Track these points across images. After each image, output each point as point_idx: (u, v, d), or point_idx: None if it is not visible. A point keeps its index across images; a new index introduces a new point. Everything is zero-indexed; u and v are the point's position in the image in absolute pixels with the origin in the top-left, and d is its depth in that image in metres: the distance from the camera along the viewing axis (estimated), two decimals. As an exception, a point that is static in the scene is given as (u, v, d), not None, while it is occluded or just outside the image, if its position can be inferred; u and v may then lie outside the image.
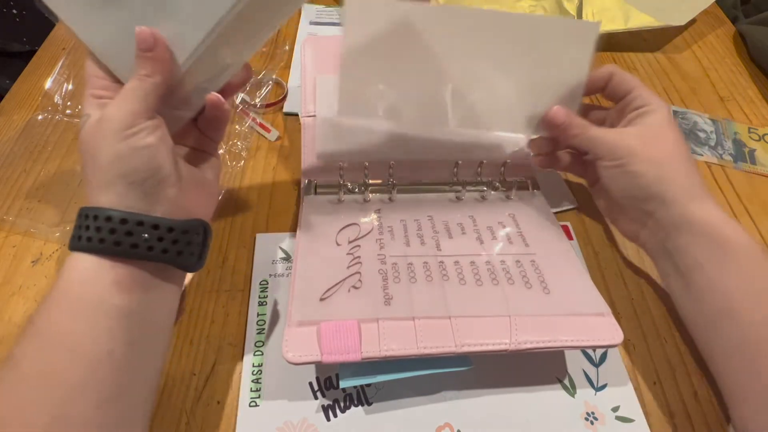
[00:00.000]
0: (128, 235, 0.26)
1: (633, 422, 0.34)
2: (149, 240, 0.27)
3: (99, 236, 0.26)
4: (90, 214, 0.26)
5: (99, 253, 0.26)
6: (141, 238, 0.26)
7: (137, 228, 0.26)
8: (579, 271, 0.36)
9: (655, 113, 0.36)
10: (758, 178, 0.50)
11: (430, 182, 0.42)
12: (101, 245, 0.26)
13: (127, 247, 0.26)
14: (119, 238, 0.26)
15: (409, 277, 0.34)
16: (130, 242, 0.26)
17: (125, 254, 0.26)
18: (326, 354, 0.29)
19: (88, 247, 0.26)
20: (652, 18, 0.60)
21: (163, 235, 0.27)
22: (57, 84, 0.53)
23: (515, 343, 0.31)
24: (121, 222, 0.26)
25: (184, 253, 0.28)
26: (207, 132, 0.33)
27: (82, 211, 0.27)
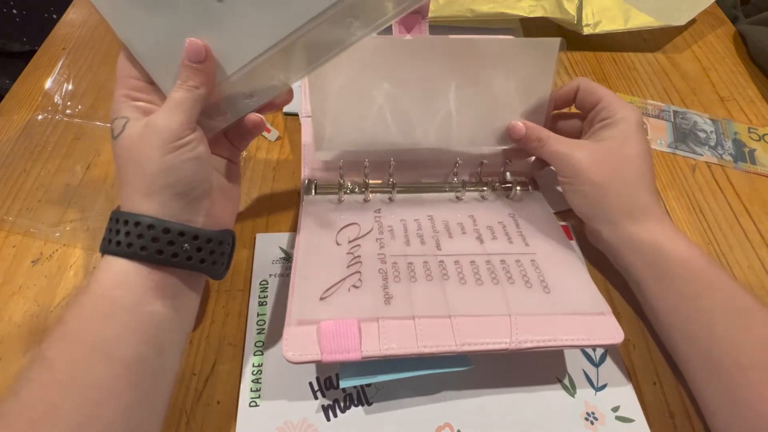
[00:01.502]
0: (170, 245, 0.27)
1: (633, 422, 0.34)
2: (189, 250, 0.27)
3: (140, 243, 0.26)
4: (130, 220, 0.26)
5: (139, 259, 0.26)
6: (181, 248, 0.27)
7: (179, 238, 0.27)
8: (579, 270, 0.36)
9: (618, 126, 0.36)
10: (758, 178, 0.50)
11: (430, 182, 0.42)
12: (143, 252, 0.26)
13: (168, 256, 0.27)
14: (161, 247, 0.26)
15: (410, 276, 0.34)
16: (171, 251, 0.27)
17: (166, 263, 0.27)
18: (326, 353, 0.29)
19: (126, 253, 0.26)
20: (652, 18, 0.60)
21: (201, 246, 0.28)
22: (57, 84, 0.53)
23: (515, 343, 0.31)
24: (164, 231, 0.26)
25: (217, 262, 0.29)
26: (234, 141, 0.34)
27: (118, 216, 0.27)
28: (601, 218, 0.36)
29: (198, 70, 0.28)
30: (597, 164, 0.35)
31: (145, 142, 0.27)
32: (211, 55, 0.28)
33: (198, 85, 0.28)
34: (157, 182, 0.27)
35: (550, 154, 0.37)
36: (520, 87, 0.39)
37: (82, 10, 0.64)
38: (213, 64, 0.28)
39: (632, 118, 0.36)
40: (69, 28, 0.61)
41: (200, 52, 0.28)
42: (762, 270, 0.42)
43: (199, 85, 0.28)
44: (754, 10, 0.69)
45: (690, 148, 0.52)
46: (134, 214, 0.27)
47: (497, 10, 0.58)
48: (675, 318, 0.33)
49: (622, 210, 0.35)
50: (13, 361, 0.35)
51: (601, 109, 0.37)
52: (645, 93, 0.58)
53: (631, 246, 0.35)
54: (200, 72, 0.28)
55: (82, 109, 0.52)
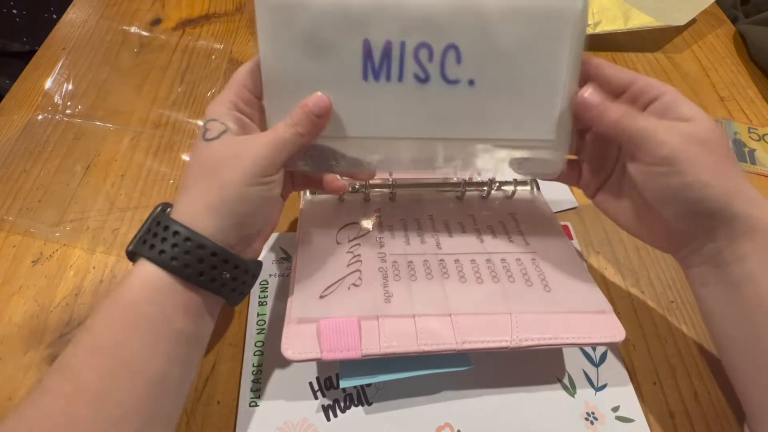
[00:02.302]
0: (212, 269, 0.26)
1: (633, 422, 0.34)
2: (226, 278, 0.27)
3: (185, 259, 0.25)
4: (182, 233, 0.26)
5: (177, 275, 0.26)
6: (221, 275, 0.27)
7: (222, 264, 0.27)
8: (580, 269, 0.36)
9: (685, 102, 0.29)
10: (758, 178, 0.50)
11: (430, 182, 0.42)
12: (186, 270, 0.26)
13: (208, 280, 0.26)
14: (204, 269, 0.26)
15: (410, 275, 0.34)
16: (211, 276, 0.26)
17: (203, 285, 0.26)
18: (326, 351, 0.29)
19: (168, 265, 0.25)
20: (652, 18, 0.60)
21: (238, 275, 0.28)
22: (57, 84, 0.53)
23: (516, 341, 0.31)
24: (212, 254, 0.26)
25: (243, 292, 0.29)
26: (296, 183, 0.35)
27: (169, 223, 0.26)
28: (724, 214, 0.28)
29: (312, 122, 0.29)
30: (708, 145, 0.27)
31: (235, 163, 0.27)
32: (330, 113, 0.29)
33: (305, 133, 0.29)
34: (227, 207, 0.26)
35: (640, 131, 0.28)
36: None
37: (82, 10, 0.64)
38: (327, 121, 0.29)
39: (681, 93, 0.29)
40: (69, 28, 0.61)
41: (325, 108, 0.29)
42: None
43: (306, 134, 0.29)
44: (754, 10, 0.69)
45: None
46: (188, 228, 0.26)
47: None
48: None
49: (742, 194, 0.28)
50: (13, 361, 0.35)
51: (644, 87, 0.29)
52: (645, 93, 0.58)
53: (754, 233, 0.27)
54: (313, 124, 0.29)
55: (82, 109, 0.52)
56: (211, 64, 0.58)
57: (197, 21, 0.64)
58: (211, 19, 0.64)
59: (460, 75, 0.30)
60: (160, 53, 0.59)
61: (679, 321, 0.39)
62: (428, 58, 0.29)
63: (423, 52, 0.29)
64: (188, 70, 0.57)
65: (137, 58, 0.58)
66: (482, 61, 0.30)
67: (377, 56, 0.29)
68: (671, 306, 0.40)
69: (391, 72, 0.29)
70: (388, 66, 0.29)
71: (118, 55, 0.58)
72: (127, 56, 0.58)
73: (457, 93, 0.30)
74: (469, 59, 0.29)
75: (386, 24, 0.28)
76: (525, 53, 0.30)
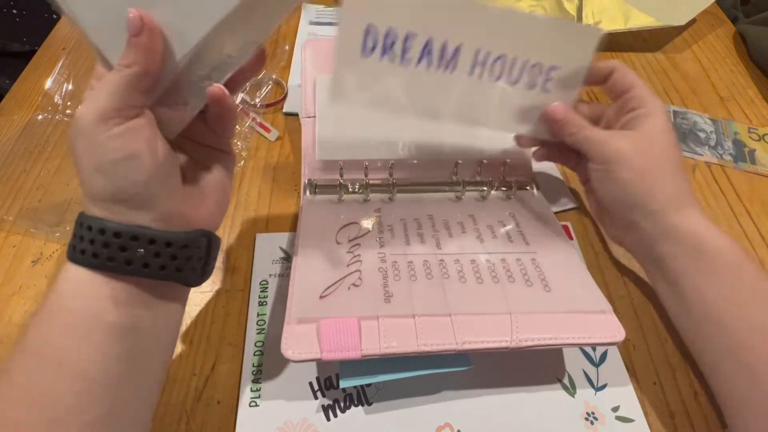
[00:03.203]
0: (122, 251, 0.24)
1: (633, 422, 0.34)
2: (145, 256, 0.24)
3: (93, 249, 0.24)
4: (85, 223, 0.24)
5: (92, 267, 0.24)
6: (136, 254, 0.24)
7: (131, 243, 0.24)
8: (580, 269, 0.36)
9: (650, 117, 0.35)
10: (758, 178, 0.50)
11: (430, 182, 0.42)
12: (95, 260, 0.24)
13: (122, 263, 0.24)
14: (113, 253, 0.24)
15: (410, 275, 0.34)
16: (124, 258, 0.24)
17: (119, 270, 0.24)
18: (326, 351, 0.29)
19: (82, 260, 0.24)
20: (652, 18, 0.60)
21: (159, 251, 0.25)
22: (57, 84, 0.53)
23: (516, 341, 0.31)
24: (115, 235, 0.24)
25: (185, 269, 0.26)
26: (216, 129, 0.29)
27: (78, 219, 0.25)
28: (640, 208, 0.34)
29: (133, 46, 0.23)
30: (638, 152, 0.34)
31: (74, 137, 0.24)
32: (152, 28, 0.24)
33: (130, 62, 0.23)
34: (93, 187, 0.24)
35: (587, 140, 0.35)
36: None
37: (82, 10, 0.64)
38: (152, 38, 0.24)
39: (662, 111, 0.35)
40: (69, 28, 0.61)
41: (135, 23, 0.23)
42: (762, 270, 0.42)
43: (132, 62, 0.23)
44: (754, 10, 0.69)
45: (690, 148, 0.52)
46: (89, 216, 0.24)
47: (497, 10, 0.57)
48: (711, 309, 0.32)
49: (664, 199, 0.34)
50: (13, 361, 0.35)
51: (632, 97, 0.36)
52: (645, 93, 0.58)
53: (671, 236, 0.33)
54: (135, 47, 0.23)
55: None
56: (211, 64, 0.58)
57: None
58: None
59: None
60: (160, 53, 0.59)
61: (679, 321, 0.39)
62: None
63: None
64: (188, 70, 0.57)
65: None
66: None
67: None
68: (671, 306, 0.40)
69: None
70: None
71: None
72: (127, 56, 0.58)
73: None
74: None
75: None
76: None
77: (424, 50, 0.33)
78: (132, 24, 0.23)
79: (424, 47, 0.33)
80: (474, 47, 0.34)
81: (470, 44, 0.34)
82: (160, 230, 0.25)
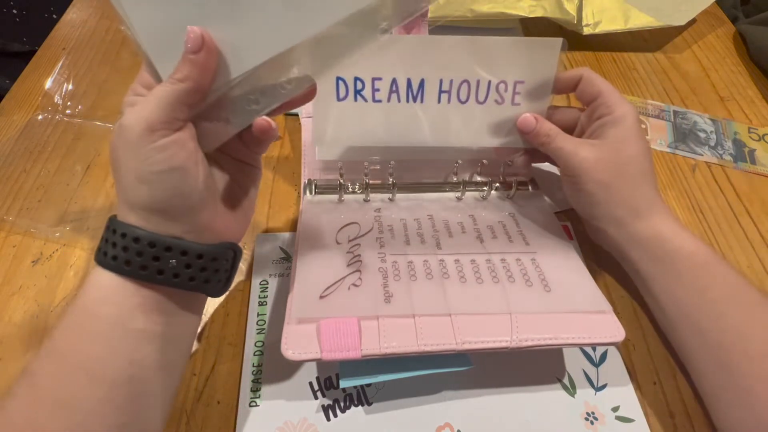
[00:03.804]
0: (155, 260, 0.25)
1: (633, 422, 0.34)
2: (176, 267, 0.25)
3: (125, 257, 0.24)
4: (119, 230, 0.25)
5: (123, 274, 0.25)
6: (168, 265, 0.25)
7: (165, 253, 0.25)
8: (580, 269, 0.36)
9: (616, 125, 0.35)
10: (758, 178, 0.50)
11: (430, 182, 0.42)
12: (127, 267, 0.24)
13: (154, 272, 0.25)
14: (146, 262, 0.24)
15: (410, 275, 0.34)
16: (156, 268, 0.25)
17: (150, 279, 0.25)
18: (326, 351, 0.29)
19: (113, 266, 0.24)
20: (652, 18, 0.60)
21: (191, 262, 0.26)
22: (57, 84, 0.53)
23: (516, 341, 0.31)
24: (150, 245, 0.24)
25: (212, 280, 0.27)
26: (251, 146, 0.29)
27: (111, 224, 0.25)
28: (605, 217, 0.36)
29: (190, 62, 0.24)
30: (601, 163, 0.35)
31: (118, 143, 0.24)
32: (211, 47, 0.24)
33: (183, 78, 0.24)
34: (134, 196, 0.24)
35: (556, 150, 0.36)
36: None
37: (82, 10, 0.64)
38: (209, 57, 0.24)
39: (630, 116, 0.35)
40: (69, 28, 0.61)
41: (197, 41, 0.24)
42: (762, 270, 0.42)
43: (185, 78, 0.24)
44: (754, 10, 0.69)
45: (690, 148, 0.52)
46: (123, 223, 0.25)
47: (497, 10, 0.58)
48: (683, 311, 0.33)
49: (627, 208, 0.35)
50: (13, 361, 0.35)
51: (600, 104, 0.36)
52: (645, 93, 0.58)
53: (637, 243, 0.35)
54: (191, 63, 0.24)
55: (82, 109, 0.52)
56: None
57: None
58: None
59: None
60: (160, 53, 0.59)
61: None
62: None
63: None
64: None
65: (137, 58, 0.58)
66: None
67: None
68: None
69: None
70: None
71: (118, 55, 0.58)
72: (127, 56, 0.58)
73: None
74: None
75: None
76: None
77: (390, 89, 0.37)
78: (193, 41, 0.24)
79: (390, 87, 0.37)
80: (437, 78, 0.37)
81: (432, 76, 0.37)
82: (193, 242, 0.26)
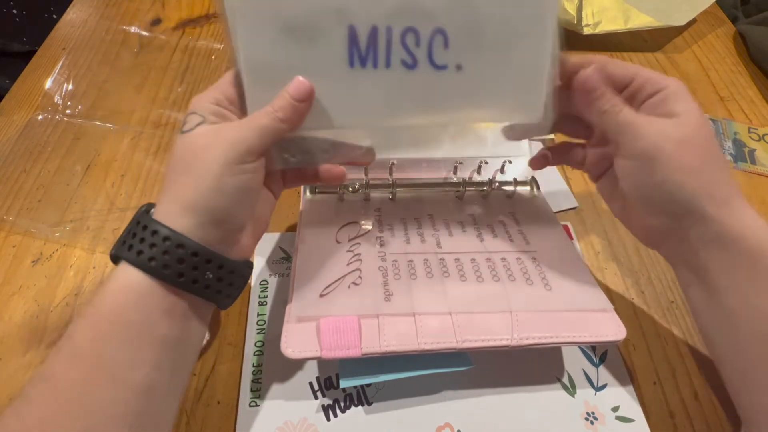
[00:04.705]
0: (194, 270, 0.25)
1: (633, 422, 0.34)
2: (210, 279, 0.26)
3: (165, 260, 0.24)
4: (161, 232, 0.24)
5: (159, 278, 0.24)
6: (204, 276, 0.25)
7: (204, 264, 0.25)
8: (580, 268, 0.36)
9: (680, 98, 0.28)
10: (758, 178, 0.50)
11: (431, 181, 0.42)
12: (165, 271, 0.24)
13: (189, 281, 0.25)
14: (184, 270, 0.25)
15: (410, 273, 0.34)
16: (193, 277, 0.25)
17: (184, 287, 0.25)
18: (326, 350, 0.29)
19: (149, 268, 0.24)
20: (652, 18, 0.60)
21: (222, 276, 0.26)
22: (57, 84, 0.53)
23: (517, 339, 0.31)
24: (193, 254, 0.25)
25: (231, 295, 0.28)
26: (287, 180, 0.32)
27: (148, 223, 0.25)
28: (694, 215, 0.28)
29: (293, 107, 0.27)
30: (687, 144, 0.27)
31: (209, 153, 0.25)
32: (313, 99, 0.28)
33: (285, 119, 0.27)
34: (204, 201, 0.25)
35: (621, 125, 0.28)
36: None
37: (82, 10, 0.64)
38: (308, 108, 0.28)
39: (684, 88, 0.29)
40: (69, 28, 0.61)
41: (306, 92, 0.27)
42: None
43: (286, 120, 0.27)
44: (754, 10, 0.69)
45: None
46: (167, 227, 0.24)
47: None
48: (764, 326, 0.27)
49: (723, 201, 0.28)
50: (13, 361, 0.35)
51: (642, 84, 0.29)
52: (645, 93, 0.58)
53: (726, 244, 0.28)
54: (294, 110, 0.27)
55: (82, 109, 0.52)
56: (211, 64, 0.58)
57: (197, 21, 0.64)
58: (211, 19, 0.64)
59: (447, 60, 0.29)
60: (160, 53, 0.59)
61: (679, 321, 0.39)
62: (415, 43, 0.28)
63: (410, 36, 0.28)
64: (188, 71, 0.57)
65: (137, 58, 0.58)
66: (469, 45, 0.29)
67: (363, 42, 0.28)
68: (671, 306, 0.40)
69: (378, 58, 0.28)
70: (374, 52, 0.28)
71: (118, 55, 0.58)
72: (127, 56, 0.58)
73: (445, 78, 0.29)
74: (456, 43, 0.29)
75: (372, 8, 0.27)
76: (510, 36, 0.29)
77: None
78: (301, 91, 0.27)
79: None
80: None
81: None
82: (228, 258, 0.27)
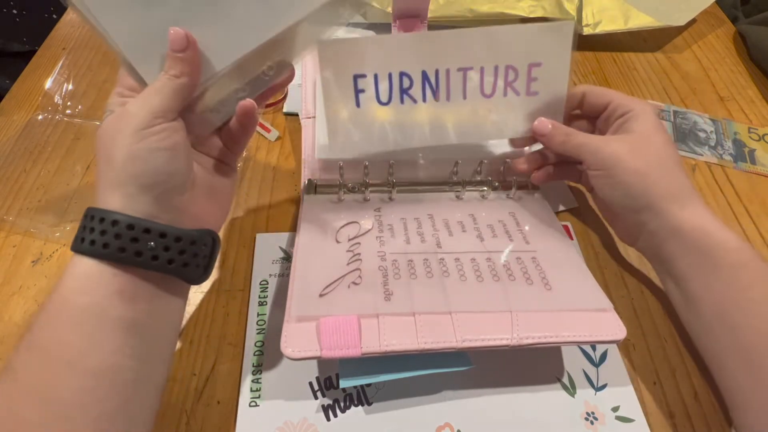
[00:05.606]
0: (133, 242, 0.25)
1: (633, 422, 0.34)
2: (155, 249, 0.25)
3: (103, 240, 0.24)
4: (96, 215, 0.25)
5: (102, 258, 0.25)
6: (146, 246, 0.25)
7: (144, 235, 0.25)
8: (580, 267, 0.36)
9: (639, 118, 0.35)
10: (758, 178, 0.50)
11: (430, 182, 0.42)
12: (105, 250, 0.24)
13: (132, 254, 0.25)
14: (124, 244, 0.25)
15: (410, 273, 0.34)
16: (134, 249, 0.25)
17: (128, 261, 0.25)
18: (326, 349, 0.29)
19: (90, 251, 0.25)
20: (652, 18, 0.60)
21: (169, 245, 0.26)
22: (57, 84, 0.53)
23: (517, 339, 0.31)
24: (128, 227, 0.25)
25: (190, 264, 0.27)
26: (228, 143, 0.32)
27: (88, 212, 0.26)
28: (645, 208, 0.34)
29: (179, 59, 0.27)
30: (635, 152, 0.34)
31: (116, 130, 0.26)
32: (195, 44, 0.27)
33: (179, 74, 0.27)
34: (124, 172, 0.25)
35: (579, 146, 0.36)
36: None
37: (82, 10, 0.64)
38: (197, 54, 0.28)
39: (650, 110, 0.36)
40: (69, 28, 0.61)
41: (181, 41, 0.27)
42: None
43: (180, 74, 0.27)
44: (754, 10, 0.69)
45: (690, 148, 0.52)
46: (100, 209, 0.25)
47: (497, 10, 0.58)
48: (719, 308, 0.31)
49: (667, 197, 0.33)
50: (13, 361, 0.35)
51: (615, 107, 0.37)
52: (645, 93, 0.58)
53: (678, 235, 0.33)
54: (181, 61, 0.27)
55: (82, 109, 0.52)
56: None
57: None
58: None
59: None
60: (160, 53, 0.59)
61: (679, 321, 0.39)
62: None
63: None
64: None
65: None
66: None
67: None
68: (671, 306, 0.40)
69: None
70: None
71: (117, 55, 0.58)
72: (127, 56, 0.58)
73: None
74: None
75: None
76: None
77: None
78: (178, 41, 0.27)
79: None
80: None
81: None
82: (171, 226, 0.26)
